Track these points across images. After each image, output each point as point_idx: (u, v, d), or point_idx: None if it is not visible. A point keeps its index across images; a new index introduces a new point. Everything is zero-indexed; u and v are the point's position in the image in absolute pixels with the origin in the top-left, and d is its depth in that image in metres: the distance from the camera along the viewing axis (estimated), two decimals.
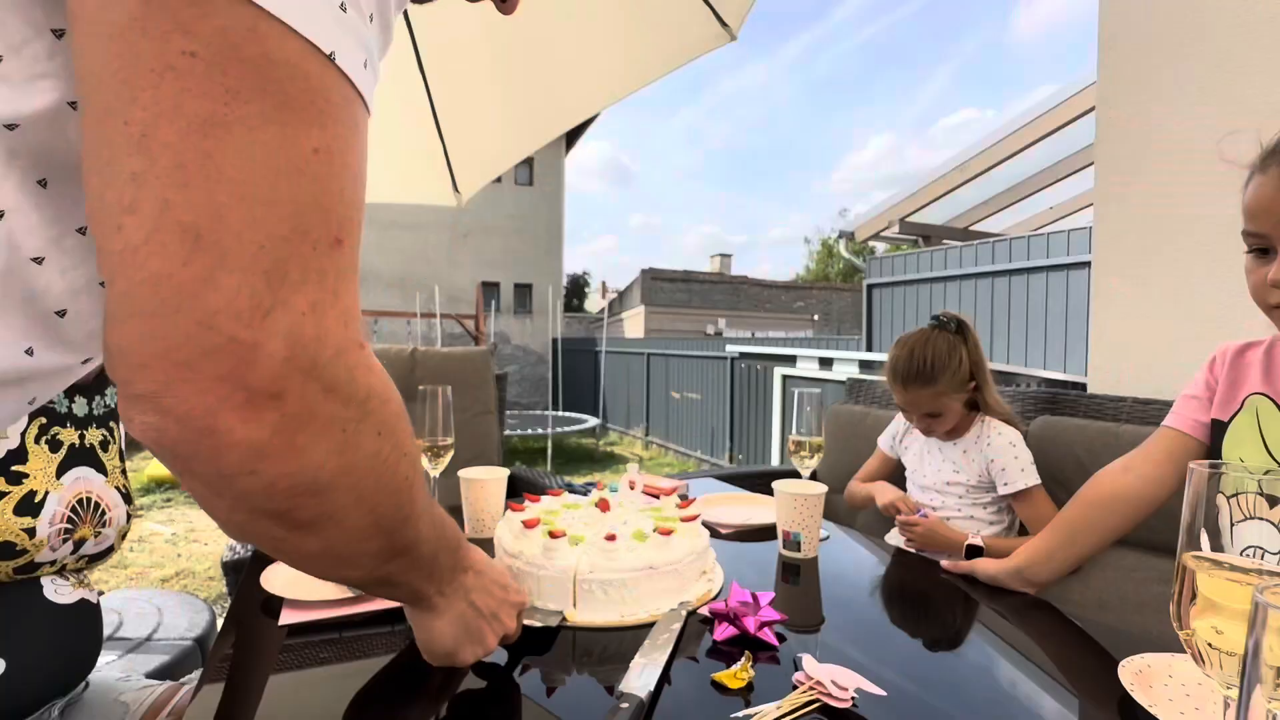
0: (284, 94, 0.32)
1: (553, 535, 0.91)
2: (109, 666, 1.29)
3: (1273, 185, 0.78)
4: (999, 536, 1.54)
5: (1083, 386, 2.00)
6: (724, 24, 1.93)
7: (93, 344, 0.42)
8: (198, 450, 0.35)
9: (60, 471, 0.79)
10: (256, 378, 0.33)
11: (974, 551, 1.36)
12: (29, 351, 0.37)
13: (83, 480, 0.82)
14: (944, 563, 1.11)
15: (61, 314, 0.39)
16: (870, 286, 7.05)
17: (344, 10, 0.34)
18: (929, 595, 1.03)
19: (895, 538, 1.57)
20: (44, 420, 0.79)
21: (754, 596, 0.83)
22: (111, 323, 0.33)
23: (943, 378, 1.52)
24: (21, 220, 0.36)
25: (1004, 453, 1.51)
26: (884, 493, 1.61)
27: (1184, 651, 0.53)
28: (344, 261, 0.36)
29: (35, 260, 0.37)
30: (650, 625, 0.82)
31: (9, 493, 0.73)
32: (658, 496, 1.17)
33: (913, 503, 1.58)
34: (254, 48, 0.31)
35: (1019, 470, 1.49)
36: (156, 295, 0.31)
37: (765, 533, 1.27)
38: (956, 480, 1.57)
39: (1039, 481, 1.49)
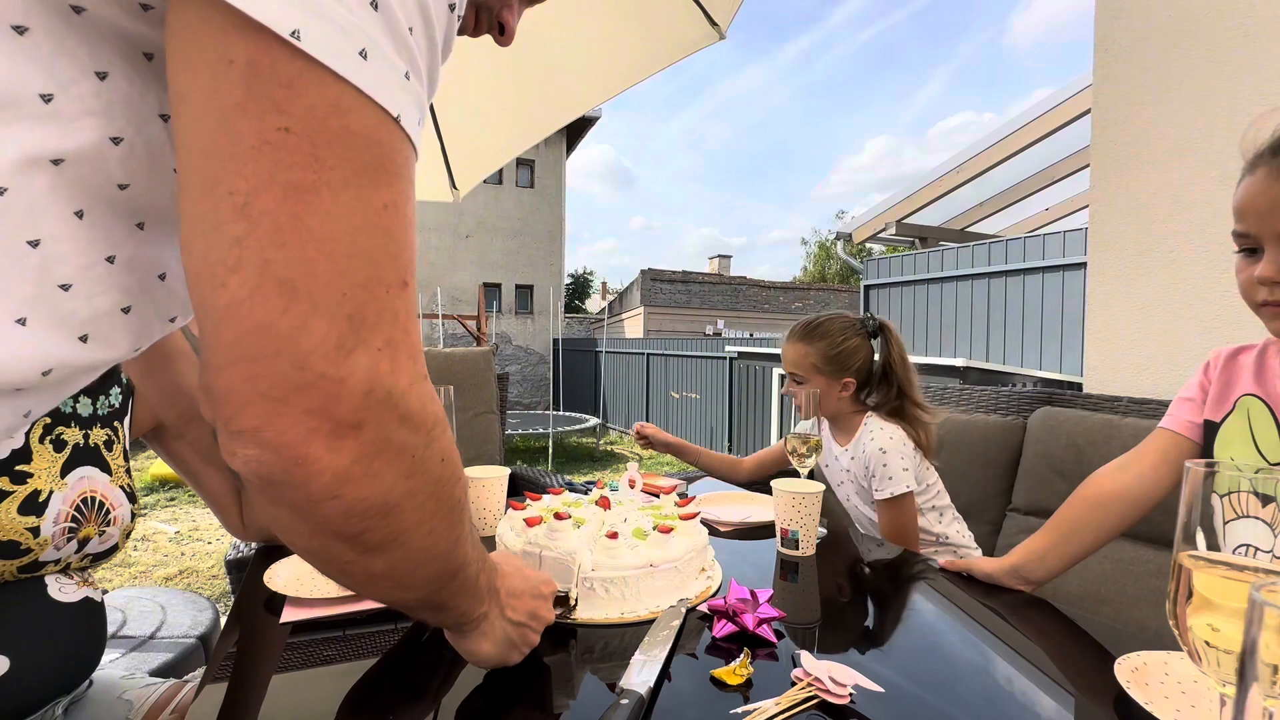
0: (361, 159, 0.36)
1: (558, 517, 0.91)
2: (112, 664, 1.30)
3: (1259, 186, 0.80)
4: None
5: (1079, 387, 2.01)
6: (713, 23, 1.94)
7: (106, 359, 0.44)
8: (291, 478, 0.38)
9: (65, 471, 0.79)
10: (341, 410, 0.37)
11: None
12: (46, 372, 0.39)
13: (87, 479, 0.82)
14: (941, 560, 1.12)
15: (84, 339, 0.41)
16: (868, 288, 7.06)
17: (408, 79, 0.38)
18: (926, 593, 1.03)
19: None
20: (48, 420, 0.79)
21: (753, 594, 0.84)
22: (214, 369, 0.36)
23: (817, 344, 1.52)
24: (56, 249, 0.39)
25: (874, 458, 1.47)
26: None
27: (1180, 649, 0.53)
28: (410, 302, 0.40)
29: (63, 287, 0.39)
30: (650, 622, 0.82)
31: (13, 492, 0.73)
32: (657, 495, 1.18)
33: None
34: (337, 120, 0.35)
35: (888, 478, 1.44)
36: (259, 343, 0.35)
37: (764, 531, 1.27)
38: (856, 489, 1.57)
39: (908, 489, 1.44)
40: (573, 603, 0.84)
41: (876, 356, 1.57)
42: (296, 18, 0.33)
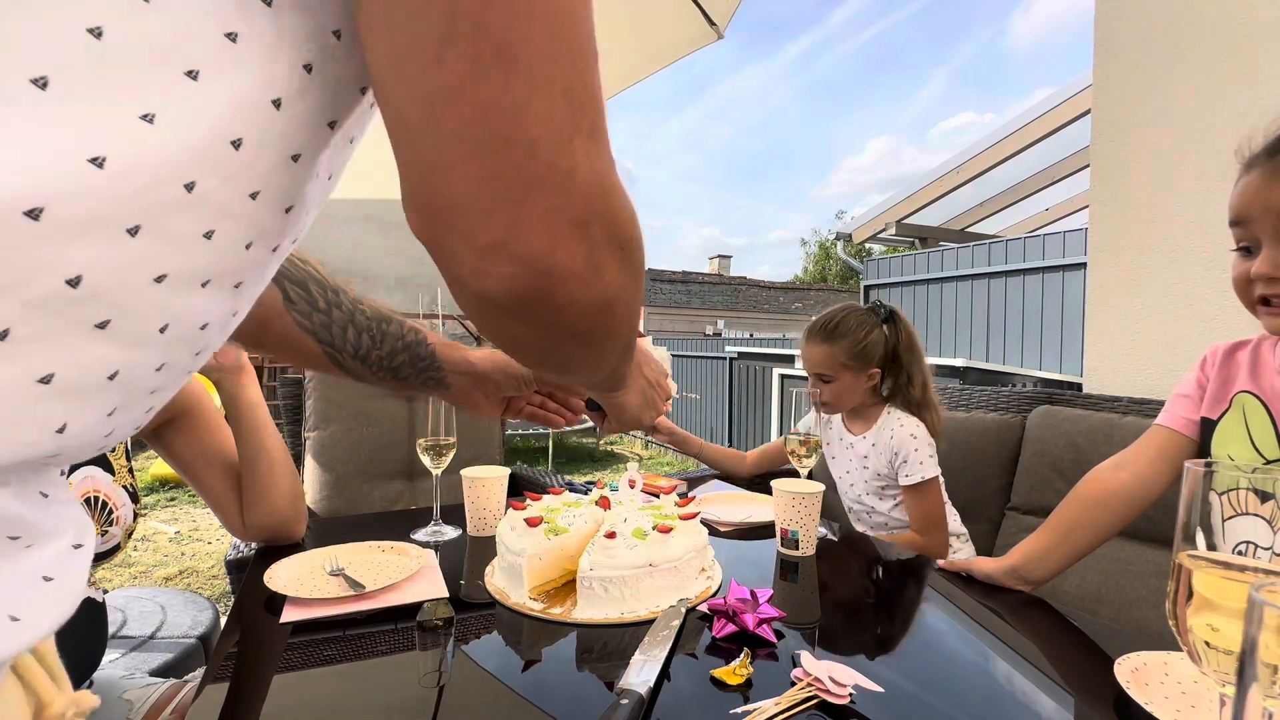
0: None
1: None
2: (113, 664, 1.30)
3: (1253, 187, 0.82)
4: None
5: (1078, 387, 2.01)
6: (711, 22, 1.94)
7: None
8: (540, 292, 0.34)
9: (69, 470, 0.79)
10: (574, 207, 0.33)
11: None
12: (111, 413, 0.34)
13: (90, 479, 0.82)
14: (940, 561, 1.12)
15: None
16: (868, 288, 7.06)
17: None
18: (926, 593, 1.04)
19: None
20: None
21: (753, 594, 0.84)
22: (441, 172, 0.31)
23: (841, 342, 1.53)
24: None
25: (905, 443, 1.51)
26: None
27: (1180, 649, 0.53)
28: (599, 78, 0.34)
29: (202, 328, 0.36)
30: (650, 622, 0.82)
31: None
32: (657, 495, 1.18)
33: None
34: None
35: (919, 462, 1.48)
36: (488, 128, 0.30)
37: (764, 531, 1.27)
38: (869, 478, 1.58)
39: (937, 474, 1.49)
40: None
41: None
42: None
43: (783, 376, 5.59)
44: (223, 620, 1.46)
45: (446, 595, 0.94)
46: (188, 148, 0.30)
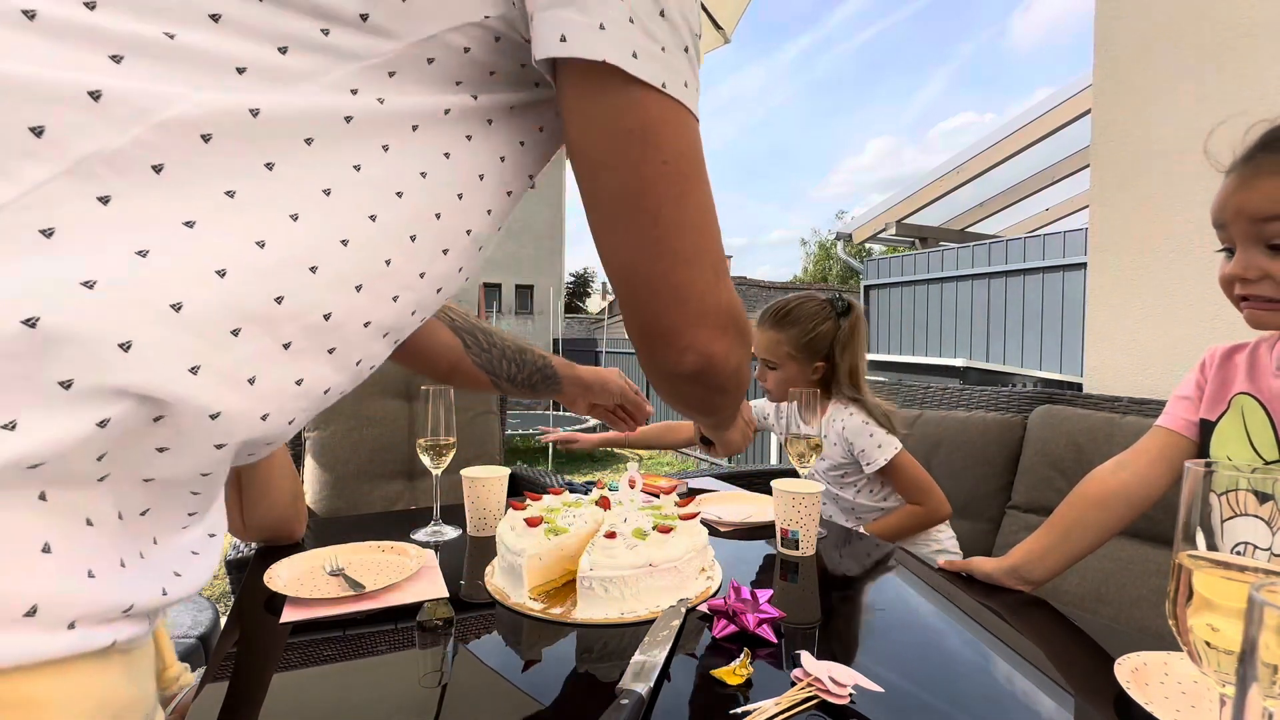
0: (695, 161, 0.50)
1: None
2: None
3: (1228, 191, 0.86)
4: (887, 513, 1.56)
5: (1079, 387, 2.01)
6: (718, 26, 1.94)
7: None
8: (707, 369, 0.55)
9: None
10: (722, 323, 0.54)
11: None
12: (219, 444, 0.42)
13: None
14: (940, 561, 1.12)
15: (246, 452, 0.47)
16: (868, 288, 7.06)
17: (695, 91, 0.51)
18: (926, 593, 1.03)
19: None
20: None
21: (753, 594, 0.84)
22: (655, 312, 0.52)
23: (789, 330, 1.53)
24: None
25: (857, 431, 1.50)
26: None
27: (1180, 649, 0.53)
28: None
29: (327, 392, 0.47)
30: (650, 622, 0.82)
31: None
32: (657, 495, 1.18)
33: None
34: (686, 142, 0.49)
35: (876, 446, 1.48)
36: (680, 288, 0.51)
37: (764, 531, 1.27)
38: (828, 469, 1.58)
39: (899, 448, 1.49)
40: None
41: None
42: (660, 73, 0.45)
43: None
44: (223, 620, 1.46)
45: (446, 595, 0.94)
46: (395, 237, 0.45)
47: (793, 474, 1.30)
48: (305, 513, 1.19)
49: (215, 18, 0.37)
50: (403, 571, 0.99)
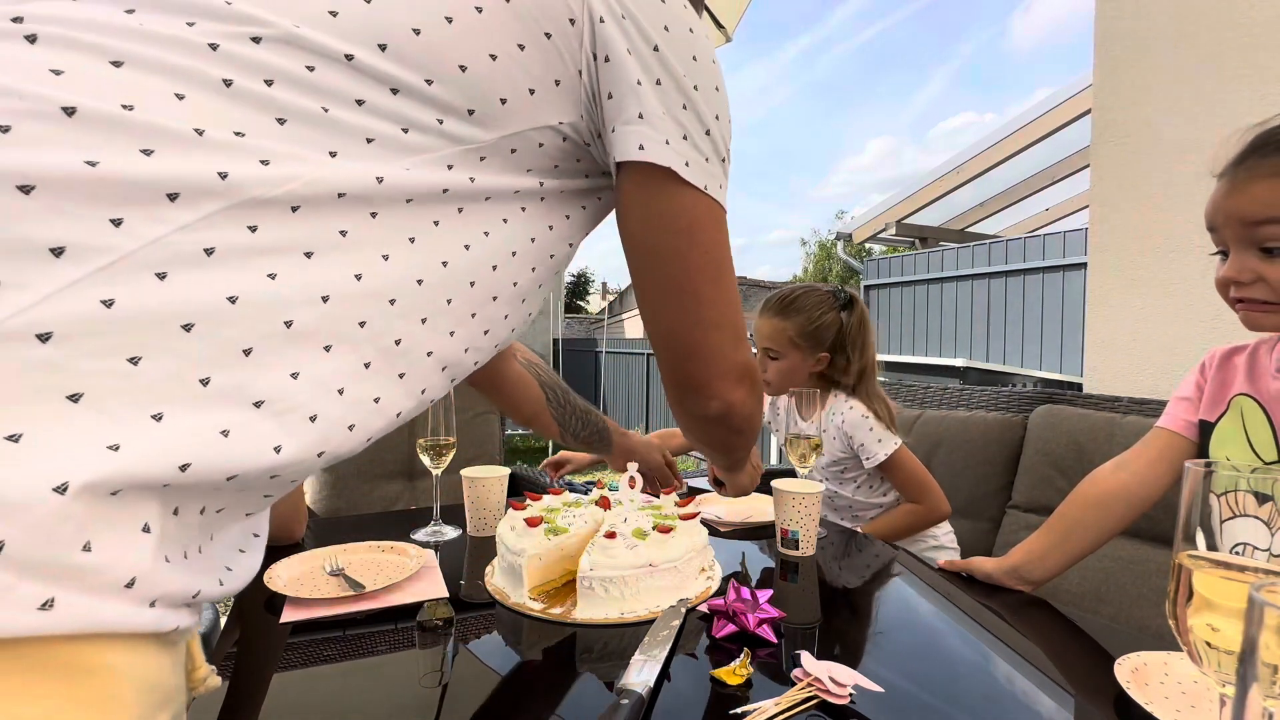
0: (727, 249, 0.63)
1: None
2: None
3: (1220, 195, 0.87)
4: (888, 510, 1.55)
5: (1079, 387, 2.01)
6: (719, 25, 1.94)
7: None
8: (731, 414, 0.69)
9: None
10: (740, 376, 0.67)
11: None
12: (277, 449, 0.44)
13: None
14: (941, 561, 1.12)
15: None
16: (868, 288, 7.06)
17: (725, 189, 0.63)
18: (925, 593, 1.03)
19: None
20: None
21: (753, 594, 0.84)
22: (712, 376, 0.66)
23: (795, 318, 1.52)
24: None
25: (857, 425, 1.50)
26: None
27: (1180, 649, 0.53)
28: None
29: (399, 415, 0.52)
30: (650, 622, 0.82)
31: None
32: (657, 495, 1.18)
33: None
34: (721, 234, 0.62)
35: (876, 440, 1.48)
36: (706, 349, 0.65)
37: (764, 531, 1.27)
38: (827, 465, 1.57)
39: (899, 443, 1.48)
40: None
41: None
42: (704, 178, 0.58)
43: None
44: (223, 620, 1.46)
45: (446, 595, 0.94)
46: (457, 282, 0.52)
47: (793, 474, 1.30)
48: (305, 513, 1.19)
49: (360, 102, 0.47)
50: (403, 571, 0.99)
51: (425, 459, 1.24)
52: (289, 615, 0.87)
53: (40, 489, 0.34)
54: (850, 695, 0.67)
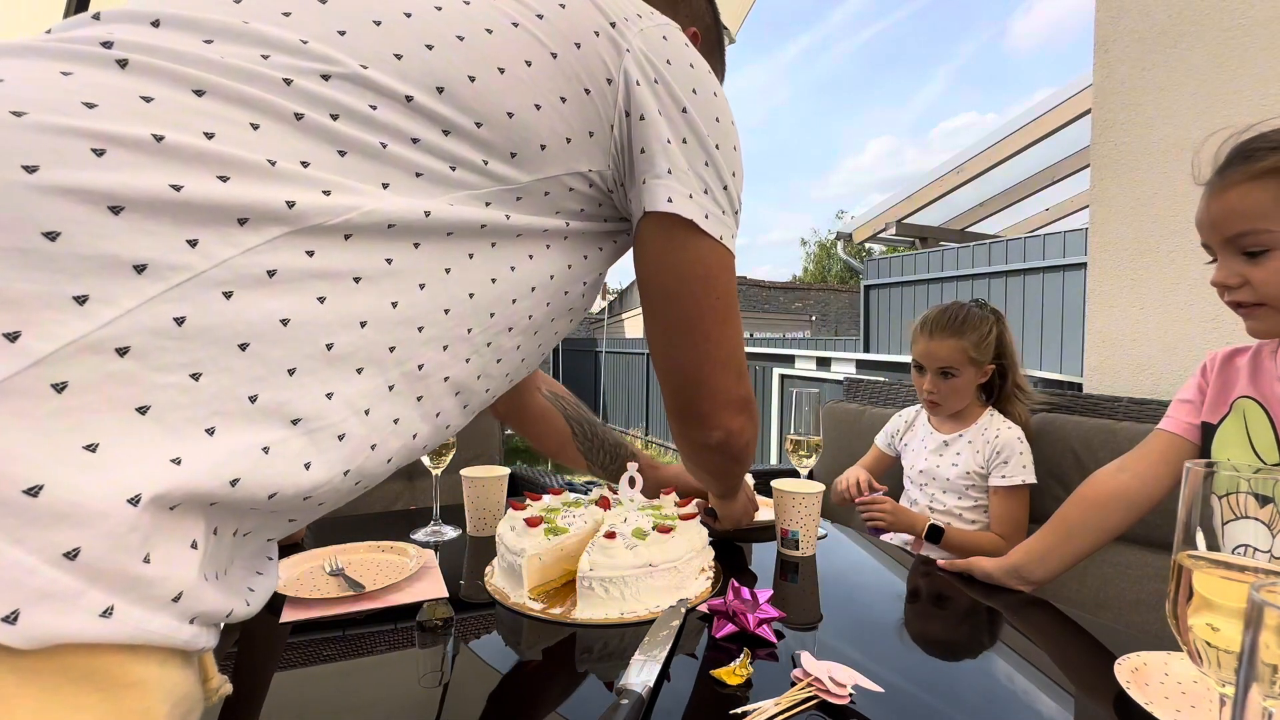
0: (734, 293, 0.69)
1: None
2: None
3: (1205, 202, 0.90)
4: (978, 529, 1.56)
5: (1079, 387, 2.01)
6: (723, 27, 1.94)
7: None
8: (730, 442, 0.76)
9: None
10: (740, 407, 0.74)
11: (935, 533, 1.44)
12: (307, 465, 0.46)
13: None
14: (940, 561, 1.12)
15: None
16: (868, 287, 7.06)
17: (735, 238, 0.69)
18: (926, 593, 1.03)
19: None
20: None
21: (753, 594, 0.84)
22: (716, 407, 0.73)
23: (969, 335, 1.54)
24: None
25: (1011, 445, 1.52)
26: (844, 478, 1.65)
27: (1180, 649, 0.53)
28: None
29: (415, 437, 0.55)
30: (650, 622, 0.82)
31: None
32: (657, 495, 1.18)
33: (867, 481, 1.61)
34: (731, 280, 0.68)
35: (1021, 466, 1.50)
36: (731, 393, 0.73)
37: (764, 531, 1.27)
38: (955, 476, 1.58)
39: (1034, 482, 1.50)
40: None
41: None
42: (719, 229, 0.64)
43: (783, 376, 5.60)
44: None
45: (446, 595, 0.94)
46: (479, 312, 0.55)
47: (793, 474, 1.30)
48: None
49: (415, 140, 0.50)
50: (402, 571, 0.99)
51: (425, 459, 1.24)
52: (289, 615, 0.87)
53: (116, 499, 0.35)
54: (850, 695, 0.67)
